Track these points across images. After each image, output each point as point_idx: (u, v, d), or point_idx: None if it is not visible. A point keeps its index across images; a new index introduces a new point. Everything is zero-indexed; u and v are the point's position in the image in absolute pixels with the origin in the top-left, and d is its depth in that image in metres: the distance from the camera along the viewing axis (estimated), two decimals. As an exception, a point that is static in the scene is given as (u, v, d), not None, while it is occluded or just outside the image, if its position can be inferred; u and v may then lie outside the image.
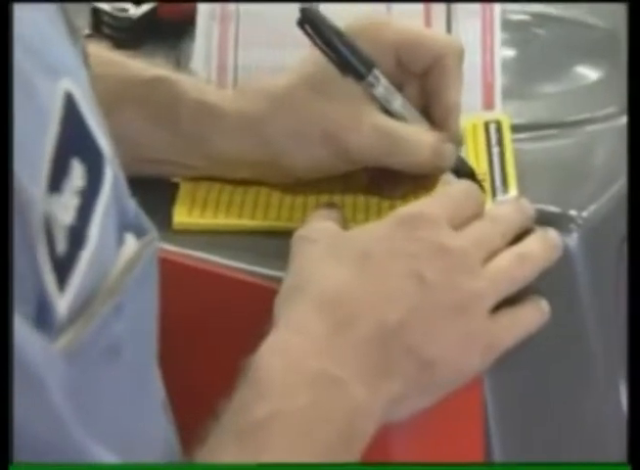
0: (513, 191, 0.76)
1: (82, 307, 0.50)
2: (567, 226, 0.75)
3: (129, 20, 0.93)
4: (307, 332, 0.63)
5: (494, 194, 0.75)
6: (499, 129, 0.80)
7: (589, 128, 0.85)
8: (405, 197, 0.75)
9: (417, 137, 0.74)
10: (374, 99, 0.74)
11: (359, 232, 0.68)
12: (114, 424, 0.52)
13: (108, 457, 0.50)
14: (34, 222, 0.46)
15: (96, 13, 0.93)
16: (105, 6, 0.93)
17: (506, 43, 0.95)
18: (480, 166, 0.77)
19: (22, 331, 0.45)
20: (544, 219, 0.74)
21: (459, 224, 0.67)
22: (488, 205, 0.73)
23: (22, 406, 0.45)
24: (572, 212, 0.75)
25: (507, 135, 0.80)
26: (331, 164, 0.74)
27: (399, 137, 0.74)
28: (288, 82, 0.76)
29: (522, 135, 0.83)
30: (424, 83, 0.76)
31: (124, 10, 0.93)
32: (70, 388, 0.48)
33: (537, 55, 0.96)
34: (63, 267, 0.49)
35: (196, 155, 0.77)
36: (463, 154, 0.78)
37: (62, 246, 0.49)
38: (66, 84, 0.50)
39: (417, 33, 0.77)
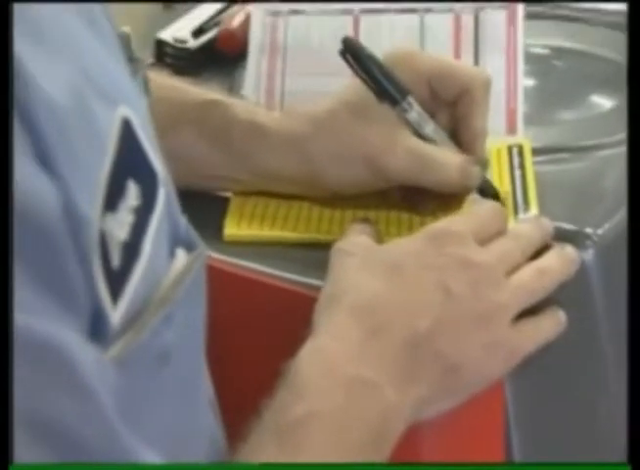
0: (534, 210, 0.74)
1: (134, 318, 0.49)
2: (583, 243, 0.73)
3: (188, 50, 0.92)
4: (343, 338, 0.62)
5: (516, 212, 0.74)
6: (521, 153, 0.78)
7: (602, 153, 0.83)
8: (435, 213, 0.74)
9: (446, 159, 0.72)
10: (407, 124, 0.72)
11: (392, 246, 0.66)
12: (164, 427, 0.51)
13: (156, 459, 0.48)
14: (90, 241, 0.45)
15: (159, 44, 0.92)
16: (167, 37, 0.92)
17: (528, 74, 0.93)
18: (503, 187, 0.75)
19: (75, 342, 0.44)
20: (562, 236, 0.72)
21: (484, 240, 0.65)
22: (511, 223, 0.71)
23: (73, 413, 0.44)
24: (588, 230, 0.73)
25: (528, 158, 0.78)
26: (367, 182, 0.73)
27: (430, 159, 0.72)
28: (330, 107, 0.74)
29: (541, 158, 0.81)
30: (453, 110, 0.75)
31: (184, 41, 0.92)
32: (121, 394, 0.46)
33: (555, 85, 0.93)
34: (117, 281, 0.47)
35: (244, 170, 0.76)
36: (488, 175, 0.76)
37: (116, 260, 0.47)
38: (123, 111, 0.49)
39: (448, 64, 0.75)
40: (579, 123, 0.88)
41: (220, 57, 0.91)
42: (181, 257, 0.54)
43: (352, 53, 0.73)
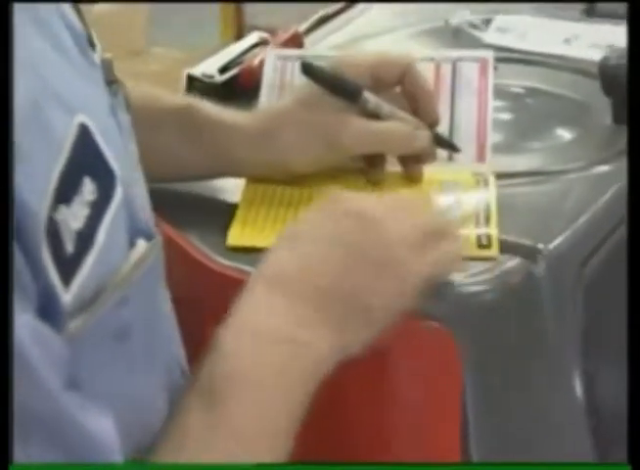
0: (493, 228, 0.70)
1: (92, 299, 0.47)
2: (535, 256, 0.69)
3: (214, 84, 0.89)
4: (257, 305, 0.59)
5: (478, 231, 0.70)
6: (486, 181, 0.75)
7: (563, 177, 0.79)
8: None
9: (391, 128, 0.73)
10: (367, 112, 0.73)
11: (297, 222, 0.64)
12: (123, 394, 0.49)
13: (102, 422, 0.46)
14: (37, 230, 0.43)
15: (190, 78, 0.90)
16: (197, 73, 0.89)
17: (505, 109, 0.91)
18: (469, 209, 0.72)
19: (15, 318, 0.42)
20: (517, 250, 0.69)
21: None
22: (473, 238, 0.69)
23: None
24: (540, 245, 0.69)
25: (492, 185, 0.75)
26: (327, 159, 0.73)
27: (378, 130, 0.73)
28: (287, 103, 0.75)
29: (510, 181, 0.77)
30: (403, 87, 0.75)
31: (211, 77, 0.89)
32: (75, 366, 0.45)
33: (526, 119, 0.90)
34: (69, 266, 0.45)
35: (218, 162, 0.75)
36: (456, 196, 0.74)
37: (70, 247, 0.45)
38: (81, 118, 0.48)
39: (384, 55, 0.76)
40: (544, 152, 0.84)
41: (241, 91, 0.89)
42: (141, 245, 0.52)
43: (309, 73, 0.74)
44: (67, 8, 0.54)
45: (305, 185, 0.75)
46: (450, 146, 0.77)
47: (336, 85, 0.73)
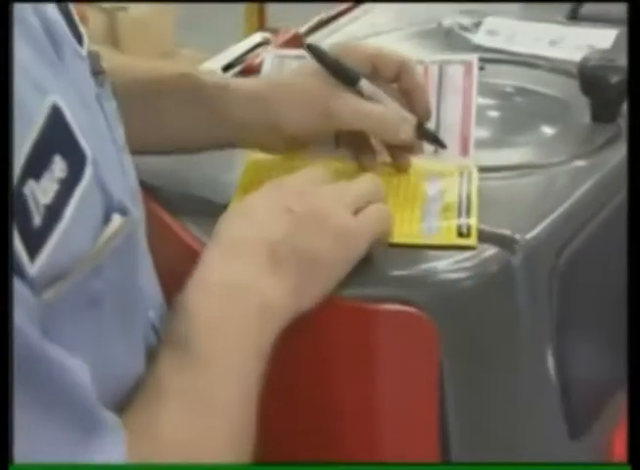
0: (473, 219, 0.68)
1: (63, 271, 0.46)
2: (512, 246, 0.67)
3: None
4: (213, 266, 0.59)
5: (459, 218, 0.68)
6: (469, 175, 0.73)
7: (543, 171, 0.76)
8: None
9: (384, 112, 0.71)
10: (363, 97, 0.71)
11: (249, 197, 0.65)
12: (94, 357, 0.47)
13: (79, 365, 0.46)
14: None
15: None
16: (201, 71, 0.87)
17: (492, 107, 0.89)
18: (451, 199, 0.70)
19: None
20: (495, 240, 0.67)
21: None
22: (453, 227, 0.67)
23: None
24: (517, 236, 0.67)
25: (474, 179, 0.73)
26: (320, 127, 0.71)
27: (371, 109, 0.71)
28: (288, 74, 0.74)
29: (493, 175, 0.75)
30: (399, 83, 0.73)
31: (215, 73, 0.87)
32: (52, 328, 0.44)
33: (512, 117, 0.88)
34: (36, 238, 0.44)
35: (216, 126, 0.72)
36: (439, 187, 0.72)
37: (38, 220, 0.44)
38: (53, 99, 0.46)
39: (385, 50, 0.74)
40: (527, 147, 0.82)
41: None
42: (116, 220, 0.50)
43: (314, 54, 0.72)
44: (50, 10, 0.52)
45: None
46: (437, 141, 0.74)
47: (336, 68, 0.71)
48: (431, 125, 0.75)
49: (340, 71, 0.71)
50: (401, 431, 0.66)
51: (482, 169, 0.75)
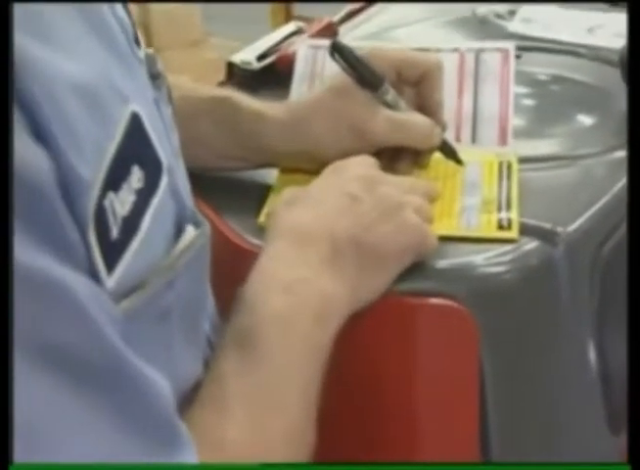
0: (514, 212, 0.65)
1: (137, 284, 0.44)
2: (554, 239, 0.64)
3: (251, 70, 0.85)
4: (277, 256, 0.58)
5: (499, 212, 0.65)
6: (509, 166, 0.70)
7: (582, 162, 0.74)
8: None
9: (416, 121, 0.70)
10: (385, 103, 0.69)
11: (309, 186, 0.63)
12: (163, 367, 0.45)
13: (160, 377, 0.44)
14: (87, 209, 0.40)
15: (230, 65, 0.86)
16: (236, 60, 0.85)
17: (530, 96, 0.86)
18: (491, 193, 0.68)
19: (75, 278, 0.39)
20: (538, 233, 0.65)
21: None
22: (494, 220, 0.65)
23: (77, 338, 0.39)
24: (559, 229, 0.65)
25: (514, 170, 0.70)
26: (355, 148, 0.68)
27: (404, 121, 0.69)
28: (319, 93, 0.71)
29: (530, 165, 0.72)
30: (417, 89, 0.71)
31: (249, 63, 0.85)
32: (126, 338, 0.42)
33: (550, 105, 0.84)
34: (114, 250, 0.42)
35: (251, 150, 0.71)
36: (479, 179, 0.69)
37: (115, 233, 0.42)
38: (133, 107, 0.44)
39: (410, 55, 0.72)
40: (565, 137, 0.79)
41: (277, 77, 0.84)
42: (190, 231, 0.49)
43: (340, 53, 0.69)
44: (119, 7, 0.50)
45: None
46: (454, 156, 0.72)
47: (360, 70, 0.68)
48: (469, 114, 0.73)
49: (362, 73, 0.69)
50: (443, 420, 0.64)
51: (520, 160, 0.73)
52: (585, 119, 0.82)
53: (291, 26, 0.89)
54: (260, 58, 0.86)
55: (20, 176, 0.37)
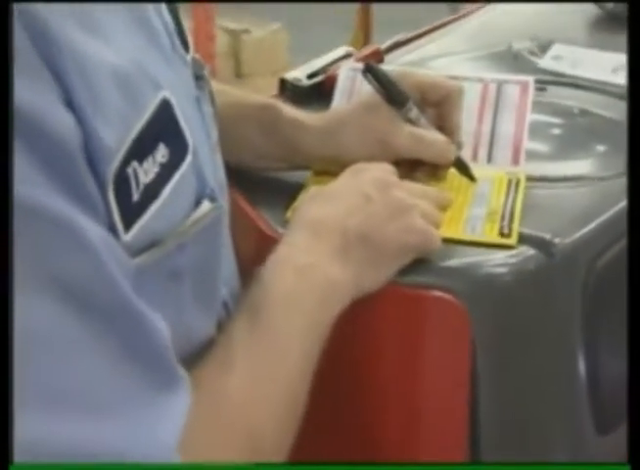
0: (515, 222, 0.70)
1: (151, 243, 0.49)
2: (551, 249, 0.68)
3: (301, 87, 0.91)
4: (293, 243, 0.63)
5: (502, 223, 0.70)
6: (517, 183, 0.75)
7: (592, 183, 0.78)
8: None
9: (435, 138, 0.74)
10: (408, 120, 0.74)
11: (330, 184, 0.68)
12: (172, 325, 0.49)
13: (162, 326, 0.47)
14: (108, 173, 0.45)
15: (282, 81, 0.92)
16: (289, 77, 0.91)
17: (557, 126, 0.90)
18: (497, 205, 0.73)
19: (86, 221, 0.43)
20: (537, 242, 0.69)
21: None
22: (496, 228, 0.69)
23: (84, 274, 0.43)
24: (556, 240, 0.69)
25: (521, 187, 0.75)
26: (379, 158, 0.73)
27: (424, 137, 0.74)
28: (352, 107, 0.77)
29: (545, 184, 0.77)
30: (439, 110, 0.76)
31: (300, 80, 0.92)
32: (137, 290, 0.46)
33: (572, 134, 0.88)
34: (133, 211, 0.47)
35: (289, 153, 0.77)
36: (488, 192, 0.74)
37: (136, 196, 0.47)
38: (165, 94, 0.50)
39: (434, 79, 0.77)
40: (582, 162, 0.83)
41: (324, 94, 0.90)
42: (205, 205, 0.54)
43: (372, 73, 0.75)
44: (165, 12, 0.57)
45: None
46: (467, 172, 0.76)
47: (388, 88, 0.74)
48: (487, 137, 0.78)
49: (390, 91, 0.74)
50: (434, 411, 0.68)
51: (536, 179, 0.77)
52: (603, 148, 0.86)
53: (341, 51, 0.95)
54: (310, 76, 0.92)
55: (45, 130, 0.42)
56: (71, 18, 0.45)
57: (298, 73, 0.91)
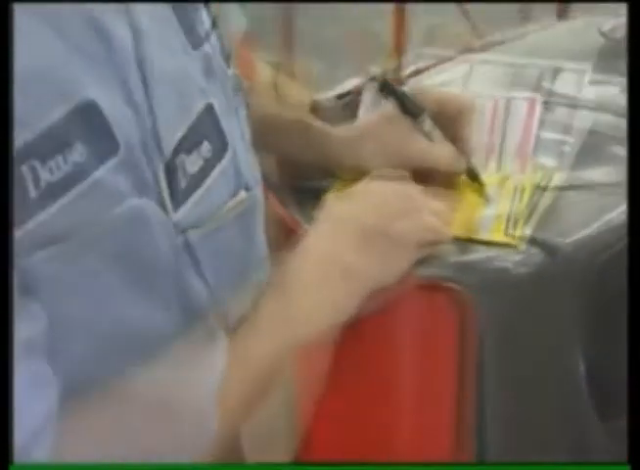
0: (520, 223, 0.76)
1: (196, 223, 0.58)
2: (555, 249, 0.74)
3: (332, 108, 0.96)
4: (317, 234, 0.68)
5: (507, 228, 0.76)
6: (523, 190, 0.81)
7: (592, 191, 0.83)
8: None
9: (443, 149, 0.81)
10: (422, 131, 0.80)
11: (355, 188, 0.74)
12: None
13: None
14: (159, 162, 0.54)
15: (314, 103, 0.98)
16: (320, 98, 0.98)
17: (567, 142, 0.91)
18: (505, 208, 0.79)
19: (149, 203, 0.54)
20: (540, 242, 0.74)
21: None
22: (502, 228, 0.75)
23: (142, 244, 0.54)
24: (559, 240, 0.75)
25: (526, 194, 0.81)
26: (396, 167, 0.79)
27: (434, 148, 0.80)
28: (372, 120, 0.84)
29: (558, 191, 0.81)
30: (453, 124, 0.82)
31: (331, 101, 0.97)
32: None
33: (585, 150, 0.91)
34: (180, 197, 0.57)
35: (317, 161, 0.84)
36: (497, 197, 0.80)
37: (183, 184, 0.56)
38: (210, 100, 0.59)
39: (448, 94, 0.85)
40: (596, 173, 0.87)
41: (353, 114, 0.93)
42: (242, 194, 0.63)
43: (387, 89, 0.82)
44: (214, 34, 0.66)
45: None
46: (477, 179, 0.82)
47: (403, 102, 0.81)
48: (496, 149, 0.85)
49: (405, 105, 0.81)
50: (439, 399, 0.74)
51: (542, 187, 0.82)
52: (610, 163, 0.88)
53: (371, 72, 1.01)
54: (340, 97, 0.98)
55: (112, 120, 0.51)
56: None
57: (330, 94, 0.98)
